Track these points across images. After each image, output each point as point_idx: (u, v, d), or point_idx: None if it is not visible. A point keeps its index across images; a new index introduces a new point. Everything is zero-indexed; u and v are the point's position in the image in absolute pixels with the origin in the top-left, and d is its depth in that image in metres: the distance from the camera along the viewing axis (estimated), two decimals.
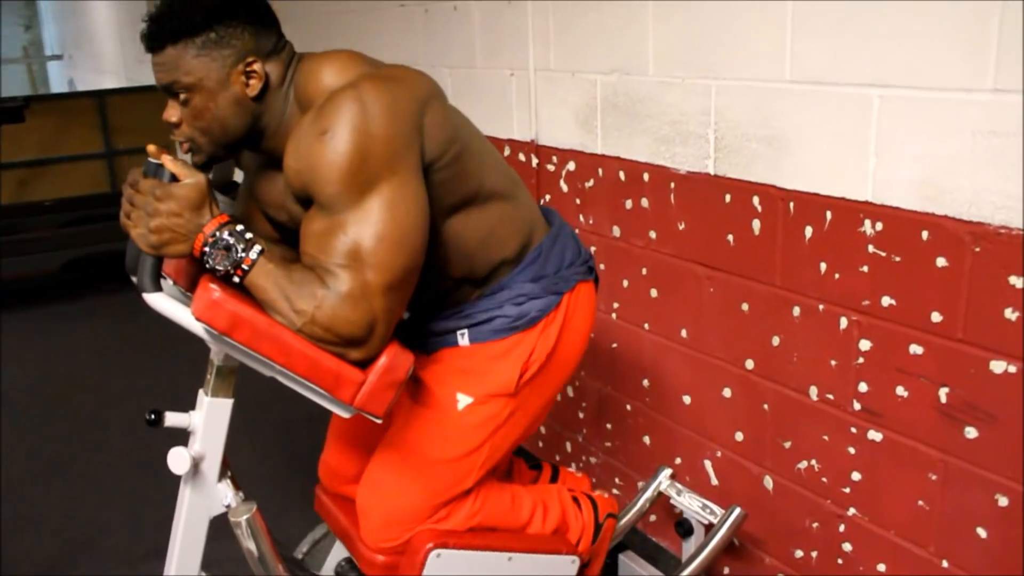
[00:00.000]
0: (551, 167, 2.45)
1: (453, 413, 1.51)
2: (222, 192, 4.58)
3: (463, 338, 1.52)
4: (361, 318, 1.23)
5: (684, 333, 2.11)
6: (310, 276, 1.24)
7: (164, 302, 1.25)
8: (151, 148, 1.28)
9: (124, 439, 3.13)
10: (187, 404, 3.37)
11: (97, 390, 3.59)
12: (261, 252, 1.24)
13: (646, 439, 2.32)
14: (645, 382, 2.27)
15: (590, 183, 2.31)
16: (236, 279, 1.23)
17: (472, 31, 2.65)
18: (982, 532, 1.54)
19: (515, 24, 2.45)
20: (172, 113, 1.35)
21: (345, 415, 1.30)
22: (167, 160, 1.25)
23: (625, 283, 2.26)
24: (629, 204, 2.19)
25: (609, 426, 2.44)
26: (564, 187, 2.42)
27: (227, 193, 4.56)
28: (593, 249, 2.35)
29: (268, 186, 1.47)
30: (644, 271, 2.19)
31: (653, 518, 2.33)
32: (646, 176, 2.11)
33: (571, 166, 2.37)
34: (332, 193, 1.24)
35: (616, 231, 2.26)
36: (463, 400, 1.50)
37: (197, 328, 1.24)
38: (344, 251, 1.23)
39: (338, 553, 1.79)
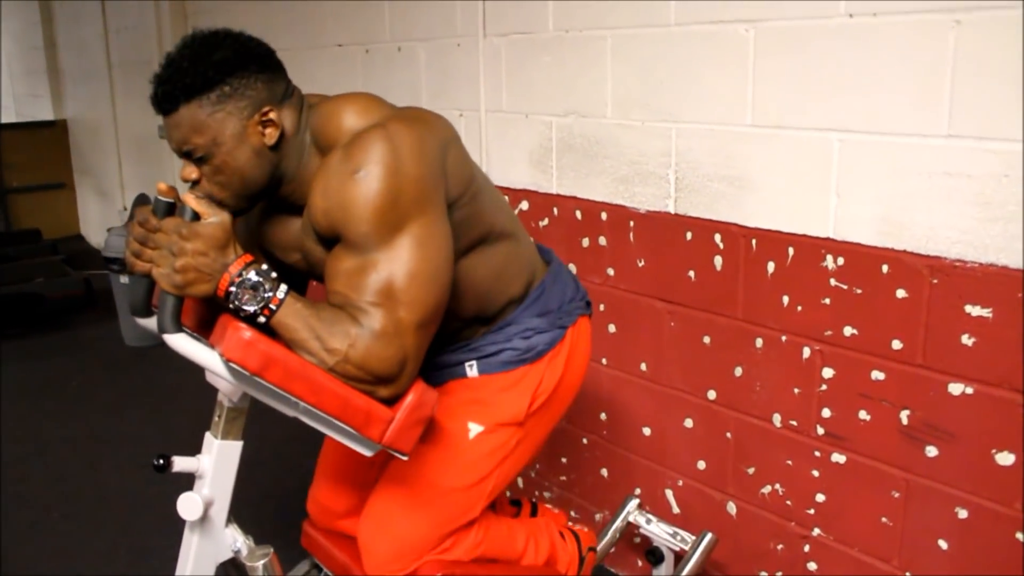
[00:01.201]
0: None
1: (465, 442, 1.53)
2: None
3: (472, 370, 1.55)
4: (394, 355, 1.24)
5: (644, 366, 2.18)
6: (341, 315, 1.25)
7: (186, 343, 1.23)
8: (162, 187, 1.27)
9: (48, 490, 2.97)
10: (106, 457, 3.28)
11: (12, 440, 3.40)
12: (288, 292, 1.24)
13: (603, 471, 2.37)
14: (603, 415, 2.33)
15: (545, 222, 2.37)
16: (262, 319, 1.22)
17: (418, 72, 2.69)
18: (943, 544, 1.65)
19: (465, 65, 2.50)
20: (190, 172, 1.32)
21: (368, 453, 1.30)
22: (190, 199, 1.24)
23: None
24: (586, 242, 2.25)
25: (564, 460, 2.48)
26: None
27: None
28: None
29: (279, 229, 1.47)
30: (602, 307, 2.25)
31: (612, 550, 2.38)
32: (604, 215, 2.19)
33: (524, 205, 2.42)
34: (364, 232, 1.25)
35: (572, 268, 2.32)
36: (474, 429, 1.53)
37: (220, 369, 1.22)
38: (376, 289, 1.25)
39: None
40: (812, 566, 1.89)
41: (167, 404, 3.72)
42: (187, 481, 2.85)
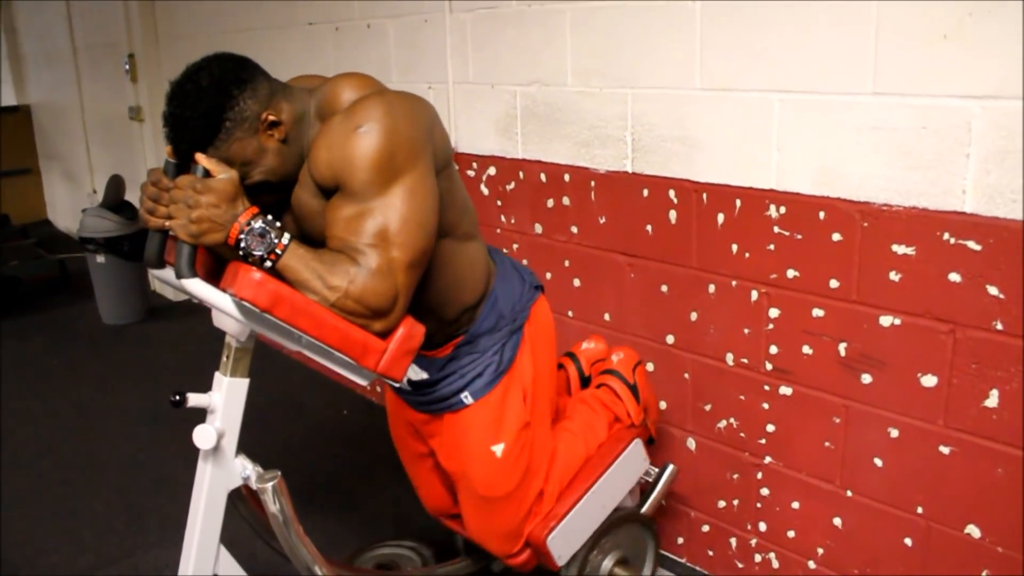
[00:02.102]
0: (471, 172, 2.64)
1: (496, 462, 1.79)
2: (112, 211, 4.55)
3: (467, 399, 1.77)
4: (388, 291, 1.41)
5: (607, 316, 2.35)
6: (340, 256, 1.41)
7: (201, 286, 1.38)
8: (169, 150, 1.43)
9: (40, 460, 3.09)
10: (94, 428, 3.40)
11: (2, 414, 3.51)
12: (292, 238, 1.39)
13: None
14: None
15: (511, 186, 2.52)
16: (269, 263, 1.37)
17: (387, 48, 2.82)
18: (878, 462, 1.84)
19: (432, 40, 2.64)
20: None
21: (364, 382, 1.46)
22: (201, 158, 1.38)
23: (548, 275, 2.48)
24: (551, 203, 2.41)
25: None
26: (485, 190, 2.62)
27: (119, 212, 4.54)
28: (516, 246, 2.56)
29: (302, 200, 1.59)
30: (567, 263, 2.42)
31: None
32: (567, 177, 2.34)
33: (491, 171, 2.57)
34: (364, 180, 1.41)
35: (538, 228, 2.48)
36: (498, 449, 1.78)
37: (231, 309, 1.37)
38: (373, 232, 1.41)
39: None
40: (765, 491, 2.08)
41: (148, 378, 3.84)
42: (176, 449, 2.99)
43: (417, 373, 1.79)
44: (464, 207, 1.71)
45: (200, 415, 1.52)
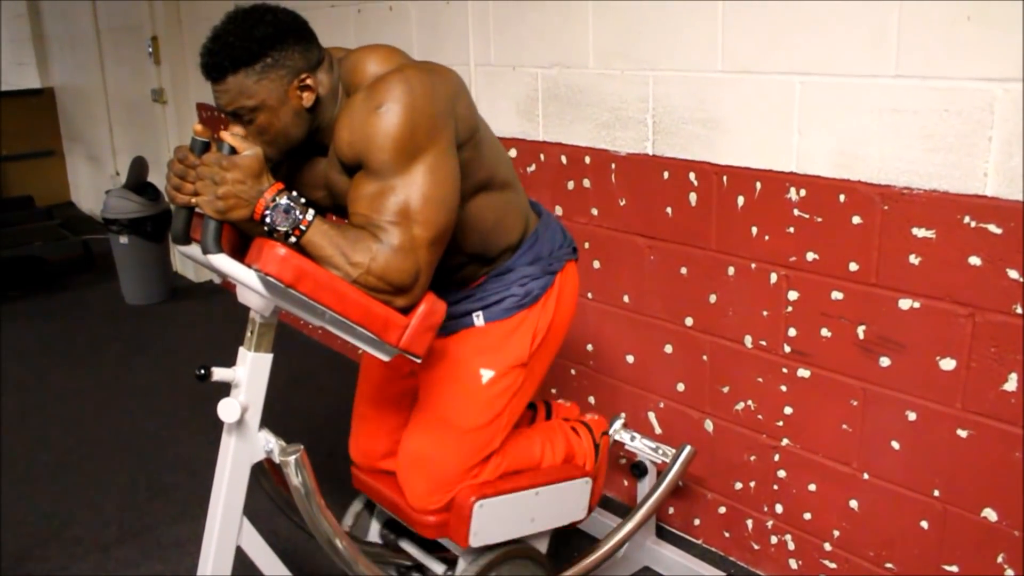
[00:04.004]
0: None
1: (479, 386, 1.73)
2: (136, 192, 4.60)
3: (479, 319, 1.75)
4: (410, 267, 1.42)
5: (626, 298, 2.36)
6: (363, 233, 1.43)
7: (227, 261, 1.40)
8: (198, 128, 1.44)
9: (66, 436, 3.14)
10: (118, 405, 3.45)
11: (24, 391, 3.56)
12: (316, 215, 1.41)
13: (591, 399, 2.56)
14: (589, 347, 2.51)
15: (532, 168, 2.53)
16: (293, 239, 1.39)
17: (409, 29, 2.83)
18: (896, 444, 1.84)
19: (454, 22, 2.65)
20: (238, 131, 1.48)
21: (386, 358, 1.49)
22: (227, 136, 1.40)
23: None
24: (571, 185, 2.42)
25: (554, 391, 2.67)
26: None
27: (142, 193, 4.58)
28: None
29: (306, 169, 1.64)
30: (587, 245, 2.43)
31: None
32: (587, 159, 2.35)
33: (513, 153, 2.58)
34: (384, 159, 1.43)
35: (559, 210, 2.49)
36: (486, 374, 1.73)
37: (256, 284, 1.39)
38: (395, 210, 1.43)
39: (377, 521, 2.02)
40: (781, 474, 2.09)
41: (170, 357, 3.88)
42: (198, 427, 3.03)
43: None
44: (496, 161, 1.69)
45: (220, 394, 1.54)
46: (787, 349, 2.00)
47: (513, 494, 1.79)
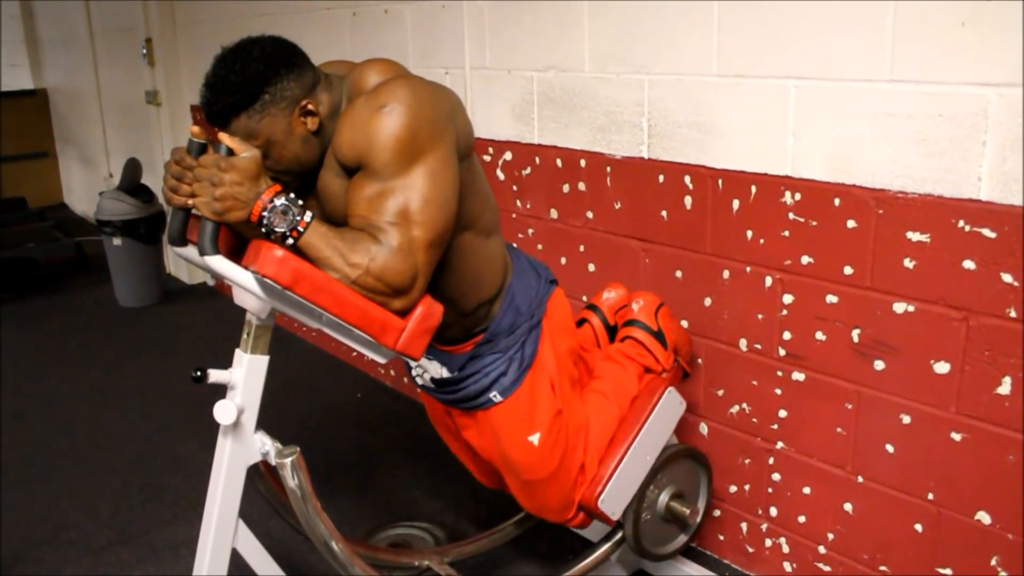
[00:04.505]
0: (487, 158, 2.66)
1: (536, 449, 1.83)
2: (129, 194, 4.60)
3: (496, 397, 1.80)
4: (408, 269, 1.43)
5: None
6: (361, 235, 1.43)
7: (224, 263, 1.40)
8: (195, 130, 1.45)
9: (59, 439, 3.13)
10: (111, 407, 3.44)
11: (16, 394, 3.55)
12: (313, 216, 1.42)
13: None
14: None
15: (527, 171, 2.54)
16: (291, 240, 1.40)
17: (404, 32, 2.83)
18: (890, 448, 1.85)
19: (450, 25, 2.65)
20: None
21: (382, 360, 1.49)
22: (225, 137, 1.40)
23: (563, 260, 2.50)
24: (566, 188, 2.43)
25: None
26: (501, 176, 2.63)
27: (135, 195, 4.58)
28: (531, 231, 2.58)
29: (326, 180, 1.62)
30: (582, 248, 2.43)
31: None
32: (583, 162, 2.36)
33: (508, 156, 2.59)
34: (386, 160, 1.44)
35: (554, 213, 2.49)
36: (535, 439, 1.82)
37: (253, 286, 1.39)
38: (394, 211, 1.43)
39: None
40: (776, 477, 2.09)
41: (163, 360, 3.88)
42: (191, 430, 3.03)
43: (439, 370, 1.83)
44: (486, 200, 1.73)
45: (214, 397, 1.54)
46: (782, 352, 2.00)
47: (620, 467, 1.91)
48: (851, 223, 1.80)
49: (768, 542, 2.15)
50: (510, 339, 1.79)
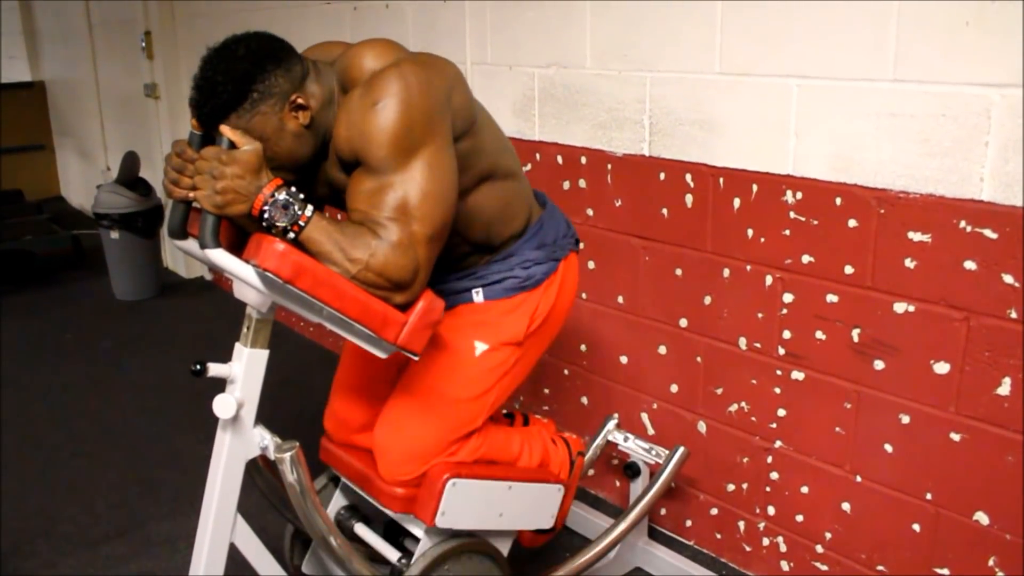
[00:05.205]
0: None
1: (471, 358, 1.72)
2: (127, 187, 4.58)
3: (478, 295, 1.73)
4: (409, 264, 1.42)
5: (620, 299, 2.36)
6: (361, 229, 1.42)
7: (225, 257, 1.39)
8: (195, 122, 1.45)
9: (56, 432, 3.12)
10: (108, 401, 3.42)
11: (13, 387, 3.53)
12: (315, 211, 1.41)
13: (584, 399, 2.56)
14: (583, 347, 2.51)
15: (527, 167, 2.53)
16: (292, 234, 1.39)
17: (405, 28, 2.82)
18: (889, 448, 1.85)
19: (451, 21, 2.64)
20: None
21: (383, 355, 1.48)
22: (226, 130, 1.40)
23: None
24: (567, 185, 2.42)
25: (547, 390, 2.67)
26: None
27: (133, 189, 4.57)
28: None
29: (333, 174, 1.61)
30: (581, 245, 2.42)
31: (591, 472, 2.57)
32: (583, 159, 2.35)
33: None
34: (382, 156, 1.43)
35: None
36: (480, 347, 1.71)
37: (253, 279, 1.39)
38: (394, 206, 1.42)
39: (337, 502, 1.95)
40: (774, 475, 2.09)
41: (160, 353, 3.87)
42: (188, 423, 3.02)
43: None
44: (498, 150, 1.69)
45: (213, 391, 1.53)
46: (781, 351, 2.00)
47: (487, 481, 1.77)
48: (852, 222, 1.80)
49: (766, 541, 2.15)
50: (525, 255, 1.74)
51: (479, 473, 1.75)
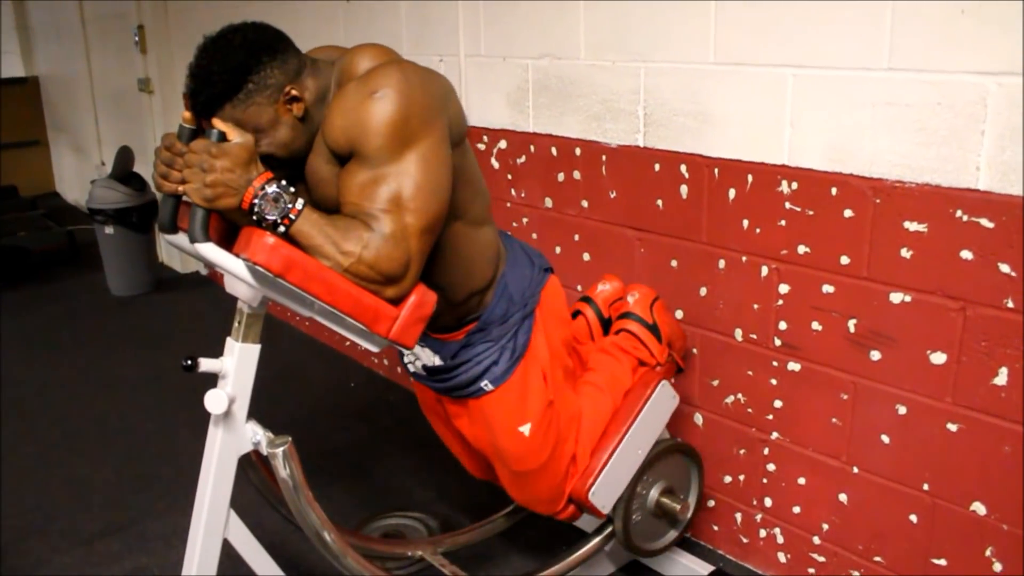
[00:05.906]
0: (482, 146, 2.64)
1: (526, 440, 1.81)
2: (121, 182, 4.57)
3: (488, 386, 1.77)
4: (401, 257, 1.41)
5: None
6: (354, 222, 1.41)
7: (214, 251, 1.38)
8: (187, 115, 1.43)
9: (50, 428, 3.11)
10: (102, 397, 3.41)
11: (7, 383, 3.52)
12: (305, 204, 1.39)
13: None
14: None
15: (522, 159, 2.52)
16: (282, 228, 1.37)
17: (399, 20, 2.81)
18: (885, 438, 1.84)
19: (444, 13, 2.63)
20: None
21: (375, 349, 1.47)
22: (218, 122, 1.38)
23: (558, 249, 2.49)
24: (561, 177, 2.41)
25: None
26: (495, 164, 2.62)
27: (127, 184, 4.56)
28: (526, 220, 2.56)
29: (316, 166, 1.60)
30: (576, 237, 2.41)
31: None
32: (578, 151, 2.34)
33: (502, 144, 2.57)
34: (378, 145, 1.41)
35: (548, 202, 2.47)
36: (526, 429, 1.80)
37: (244, 274, 1.37)
38: (387, 198, 1.41)
39: None
40: (771, 467, 2.09)
41: (156, 348, 3.86)
42: (183, 419, 3.01)
43: (431, 358, 1.81)
44: (477, 189, 1.70)
45: (206, 386, 1.52)
46: (777, 342, 2.00)
47: (611, 460, 1.89)
48: (848, 213, 1.79)
49: (762, 532, 2.14)
50: (502, 328, 1.77)
51: (602, 460, 1.89)
